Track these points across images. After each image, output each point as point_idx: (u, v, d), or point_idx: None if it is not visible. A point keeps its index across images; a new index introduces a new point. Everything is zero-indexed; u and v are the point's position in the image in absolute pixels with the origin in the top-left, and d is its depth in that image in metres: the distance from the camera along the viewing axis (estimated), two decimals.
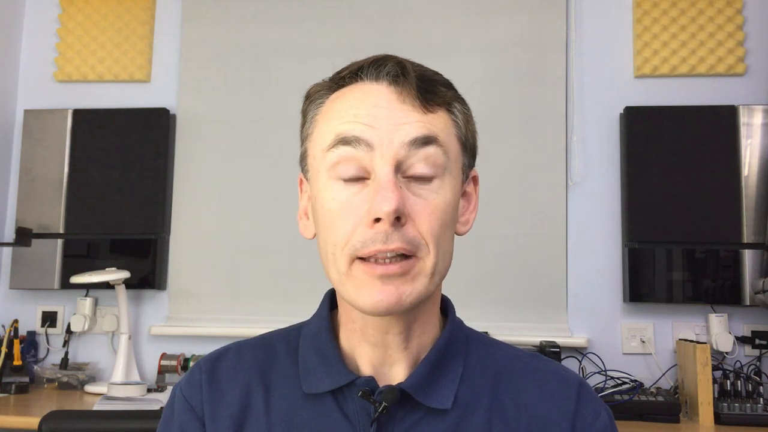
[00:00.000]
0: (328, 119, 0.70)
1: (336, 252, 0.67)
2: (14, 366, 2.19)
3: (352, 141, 0.66)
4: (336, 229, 0.67)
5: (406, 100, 0.67)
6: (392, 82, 0.68)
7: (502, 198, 2.29)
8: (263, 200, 2.40)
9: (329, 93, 0.72)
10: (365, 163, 0.66)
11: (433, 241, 0.66)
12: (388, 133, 0.66)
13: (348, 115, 0.68)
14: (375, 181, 0.65)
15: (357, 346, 0.73)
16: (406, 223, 0.65)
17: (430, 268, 0.66)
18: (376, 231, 0.64)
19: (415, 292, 0.66)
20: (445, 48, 2.39)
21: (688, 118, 2.22)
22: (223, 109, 2.47)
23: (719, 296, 2.16)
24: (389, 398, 0.69)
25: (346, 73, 0.71)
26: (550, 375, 0.75)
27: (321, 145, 0.70)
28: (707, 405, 1.85)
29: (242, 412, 0.73)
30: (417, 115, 0.67)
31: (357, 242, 0.65)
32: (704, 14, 2.32)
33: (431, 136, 0.67)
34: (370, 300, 0.65)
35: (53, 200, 2.41)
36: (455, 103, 0.72)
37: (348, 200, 0.66)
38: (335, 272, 0.68)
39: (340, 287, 0.69)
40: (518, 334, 2.18)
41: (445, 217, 0.68)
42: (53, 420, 1.27)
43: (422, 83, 0.68)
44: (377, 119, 0.66)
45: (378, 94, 0.68)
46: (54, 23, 2.60)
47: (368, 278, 0.65)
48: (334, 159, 0.67)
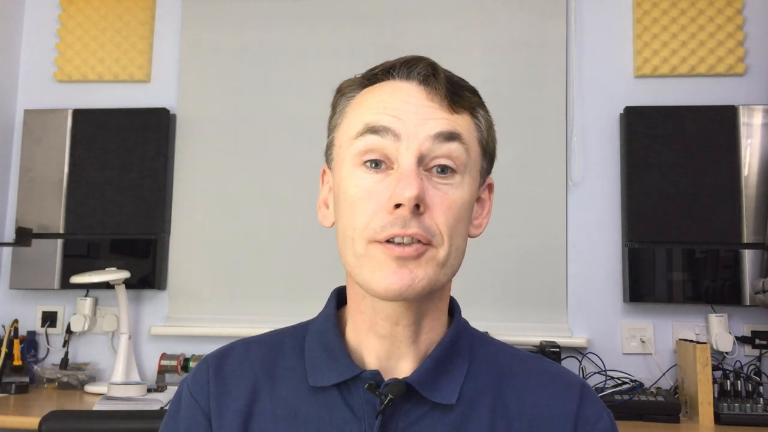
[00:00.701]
0: (357, 111, 0.73)
1: (355, 236, 0.69)
2: (14, 366, 2.20)
3: (380, 130, 0.69)
4: (357, 214, 0.69)
5: (434, 99, 0.70)
6: (422, 81, 0.71)
7: (502, 198, 2.27)
8: (263, 200, 2.40)
9: (360, 88, 0.75)
10: (390, 152, 0.69)
11: (448, 233, 0.68)
12: (415, 126, 0.69)
13: (378, 107, 0.71)
14: (398, 170, 0.68)
15: (364, 340, 0.74)
16: (425, 213, 0.67)
17: (443, 257, 0.68)
18: (395, 216, 0.66)
19: (428, 276, 0.68)
20: (445, 48, 2.39)
21: (688, 118, 2.22)
22: (223, 109, 2.47)
23: (719, 296, 2.16)
24: (395, 391, 0.70)
25: (379, 70, 0.74)
26: (553, 376, 0.76)
27: (349, 133, 0.72)
28: (707, 405, 1.85)
29: (248, 406, 0.74)
30: (443, 113, 0.70)
31: (377, 226, 0.67)
32: (704, 14, 2.32)
33: (455, 132, 0.70)
34: (384, 282, 0.67)
35: (53, 200, 2.41)
36: (479, 109, 0.75)
37: (371, 187, 0.69)
38: (352, 255, 0.70)
39: (357, 271, 0.70)
40: (518, 334, 2.18)
41: (461, 212, 0.70)
42: (53, 420, 1.27)
43: (451, 86, 0.71)
44: (405, 112, 0.69)
45: (408, 91, 0.71)
46: (54, 23, 2.60)
47: (385, 259, 0.67)
48: (361, 147, 0.70)
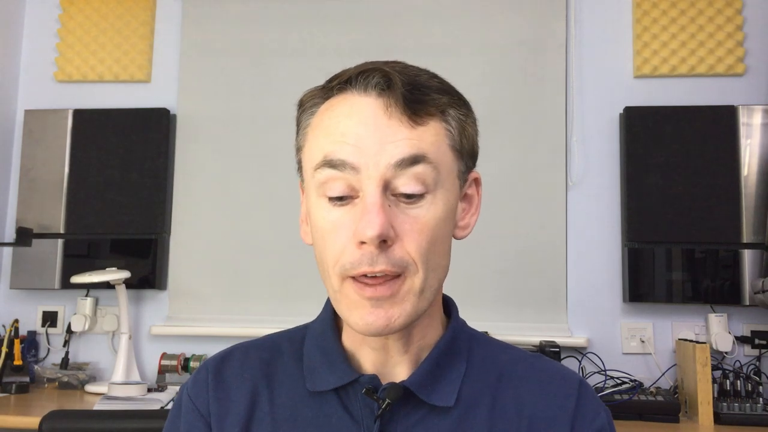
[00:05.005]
0: (317, 135, 0.70)
1: (328, 270, 0.68)
2: (15, 366, 2.20)
3: (338, 165, 0.66)
4: (327, 249, 0.68)
5: (393, 115, 0.66)
6: (380, 94, 0.67)
7: (502, 198, 2.29)
8: (263, 200, 2.40)
9: (320, 102, 0.71)
10: (353, 182, 0.66)
11: (421, 259, 0.66)
12: (375, 155, 0.65)
13: (336, 133, 0.67)
14: (362, 201, 0.65)
15: (359, 348, 0.74)
16: (394, 244, 0.65)
17: (419, 286, 0.67)
18: (362, 252, 0.65)
19: (405, 314, 0.66)
20: (445, 48, 2.39)
21: (688, 118, 2.22)
22: (223, 109, 2.47)
23: (719, 296, 2.16)
24: (393, 395, 0.69)
25: (336, 83, 0.70)
26: (551, 375, 0.76)
27: (311, 162, 0.70)
28: (707, 405, 1.85)
29: (248, 410, 0.74)
30: (405, 132, 0.66)
31: (346, 262, 0.66)
32: (704, 14, 2.32)
33: (419, 154, 0.66)
34: (362, 322, 0.66)
35: (53, 200, 2.41)
36: (449, 110, 0.70)
37: (337, 220, 0.67)
38: (330, 289, 0.70)
39: (336, 304, 0.70)
40: (518, 334, 2.18)
41: (435, 233, 0.67)
42: (54, 420, 1.27)
43: (411, 94, 0.67)
44: (364, 139, 0.66)
45: (365, 108, 0.67)
46: (54, 23, 2.60)
47: (359, 299, 0.66)
48: (322, 179, 0.68)
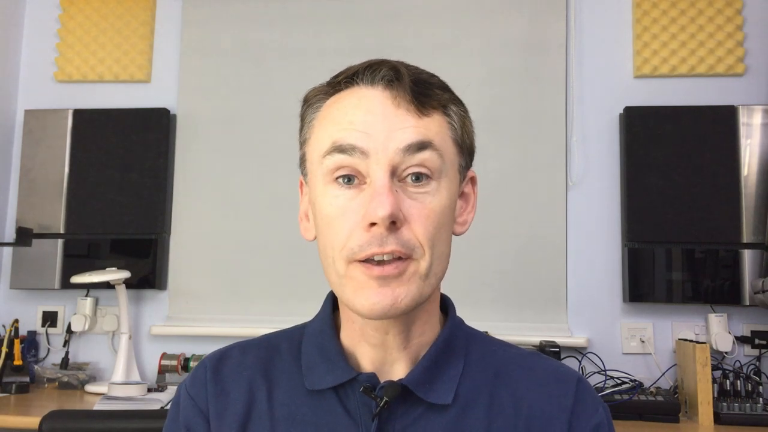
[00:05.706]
0: (324, 125, 0.71)
1: (335, 255, 0.68)
2: (15, 366, 2.20)
3: (347, 149, 0.67)
4: (334, 234, 0.68)
5: (400, 105, 0.68)
6: (387, 86, 0.69)
7: (502, 198, 2.30)
8: (263, 200, 2.40)
9: (326, 98, 0.73)
10: (361, 168, 0.67)
11: (429, 243, 0.67)
12: (384, 140, 0.67)
13: (343, 121, 0.69)
14: (371, 186, 0.67)
15: (357, 345, 0.75)
16: (402, 227, 0.66)
17: (425, 269, 0.68)
18: (372, 235, 0.65)
19: (411, 294, 0.67)
20: (445, 48, 2.39)
21: (688, 118, 2.22)
22: (223, 109, 2.47)
23: (719, 296, 2.16)
24: (390, 393, 0.70)
25: (342, 77, 0.71)
26: (549, 372, 0.76)
27: (318, 150, 0.71)
28: (707, 405, 1.85)
29: (246, 409, 0.74)
30: (412, 120, 0.68)
31: (354, 245, 0.66)
32: (704, 14, 2.32)
33: (425, 141, 0.68)
34: (367, 303, 0.66)
35: (53, 200, 2.41)
36: (451, 105, 0.73)
37: (345, 205, 0.68)
38: (335, 275, 0.69)
39: (339, 290, 0.70)
40: (518, 334, 2.18)
41: (440, 219, 0.69)
42: (54, 420, 1.27)
43: (417, 87, 0.69)
44: (372, 125, 0.67)
45: (373, 99, 0.69)
46: (54, 23, 2.60)
47: (366, 279, 0.66)
48: (330, 165, 0.68)
